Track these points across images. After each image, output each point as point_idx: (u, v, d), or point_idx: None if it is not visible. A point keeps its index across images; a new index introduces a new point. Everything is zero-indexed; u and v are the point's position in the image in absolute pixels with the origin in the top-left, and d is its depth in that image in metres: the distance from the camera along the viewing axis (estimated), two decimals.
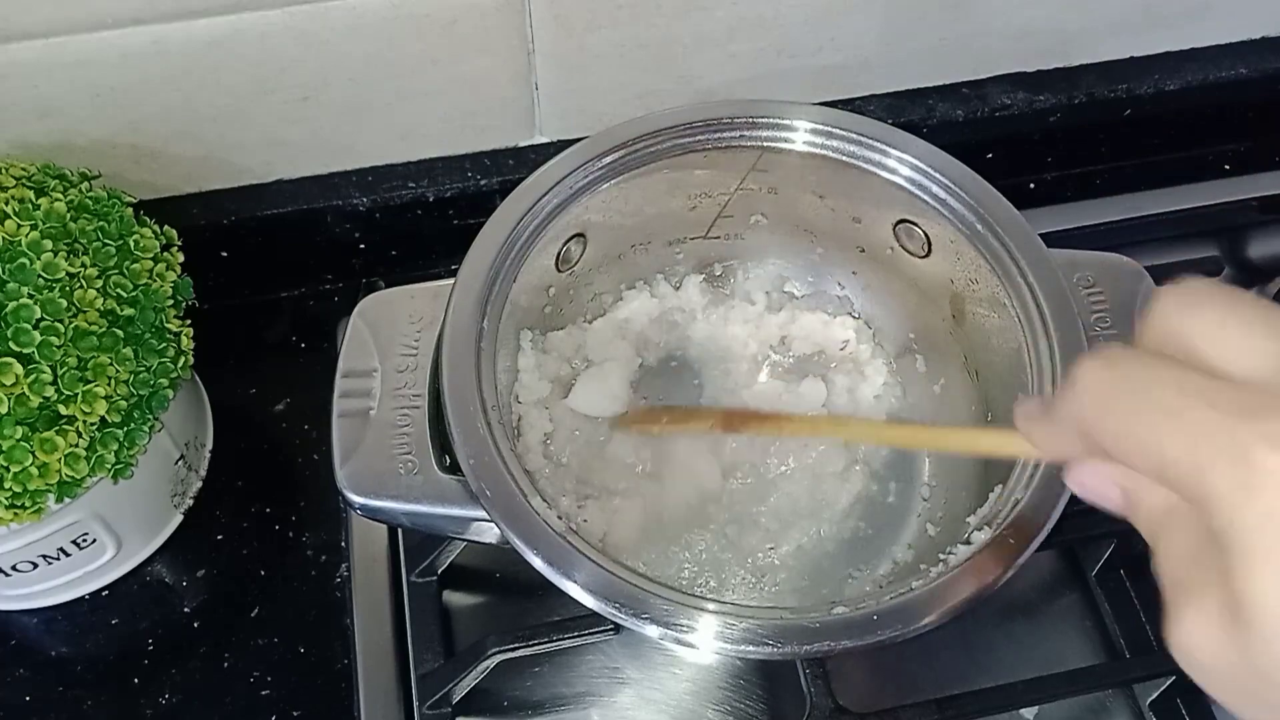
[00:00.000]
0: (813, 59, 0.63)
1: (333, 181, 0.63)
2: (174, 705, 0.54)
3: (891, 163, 0.52)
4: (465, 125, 0.62)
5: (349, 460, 0.46)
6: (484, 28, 0.56)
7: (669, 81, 0.62)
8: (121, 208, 0.52)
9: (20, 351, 0.45)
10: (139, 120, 0.57)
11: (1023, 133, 0.69)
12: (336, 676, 0.55)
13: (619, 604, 0.41)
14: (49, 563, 0.53)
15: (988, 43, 0.65)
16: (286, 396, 0.63)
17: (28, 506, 0.46)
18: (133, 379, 0.49)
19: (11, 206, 0.48)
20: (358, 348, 0.49)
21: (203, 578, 0.58)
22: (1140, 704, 0.54)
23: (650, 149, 0.52)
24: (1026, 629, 0.56)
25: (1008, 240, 0.50)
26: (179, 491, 0.58)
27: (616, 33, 0.58)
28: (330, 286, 0.67)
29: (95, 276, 0.49)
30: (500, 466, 0.44)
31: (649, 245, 0.58)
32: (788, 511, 0.55)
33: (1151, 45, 0.68)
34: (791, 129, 0.53)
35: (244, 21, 0.53)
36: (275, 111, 0.58)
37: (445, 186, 0.63)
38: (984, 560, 0.42)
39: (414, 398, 0.47)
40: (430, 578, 0.56)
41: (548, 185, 0.51)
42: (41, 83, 0.54)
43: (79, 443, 0.47)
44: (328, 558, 0.58)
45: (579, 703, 0.54)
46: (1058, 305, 0.48)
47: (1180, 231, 0.69)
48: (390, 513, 0.45)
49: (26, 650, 0.56)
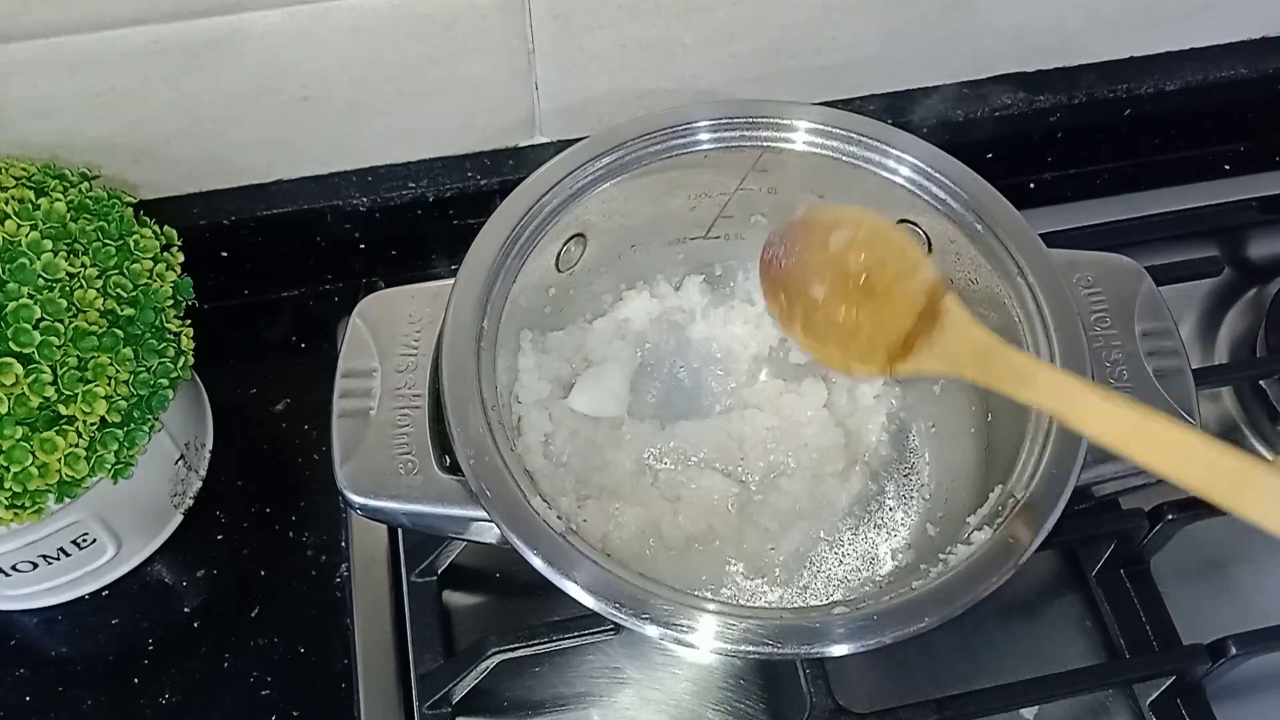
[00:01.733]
0: (813, 59, 0.63)
1: (333, 181, 0.63)
2: (174, 705, 0.54)
3: (891, 163, 0.52)
4: (465, 125, 0.62)
5: (349, 460, 0.46)
6: (484, 28, 0.56)
7: (669, 81, 0.62)
8: (121, 208, 0.52)
9: (20, 351, 0.45)
10: (139, 120, 0.57)
11: (1023, 133, 0.69)
12: (336, 676, 0.55)
13: (619, 604, 0.41)
14: (49, 563, 0.53)
15: (988, 43, 0.65)
16: (286, 396, 0.63)
17: (28, 506, 0.46)
18: (133, 379, 0.49)
19: (11, 206, 0.48)
20: (358, 348, 0.49)
21: (203, 578, 0.58)
22: (1140, 704, 0.54)
23: (650, 149, 0.52)
24: (1026, 629, 0.56)
25: (1008, 240, 0.50)
26: (179, 491, 0.58)
27: (616, 33, 0.58)
28: (330, 286, 0.67)
29: (95, 276, 0.49)
30: (500, 466, 0.44)
31: (649, 245, 0.58)
32: (788, 511, 0.55)
33: (1151, 45, 0.68)
34: (791, 129, 0.53)
35: (244, 21, 0.53)
36: (275, 111, 0.58)
37: (445, 186, 0.63)
38: (984, 560, 0.42)
39: (414, 398, 0.47)
40: (430, 578, 0.56)
41: (548, 185, 0.51)
42: (41, 83, 0.54)
43: (79, 443, 0.47)
44: (328, 558, 0.58)
45: (579, 703, 0.54)
46: (1058, 305, 0.48)
47: (1180, 231, 0.69)
48: (390, 513, 0.45)
49: (26, 650, 0.56)
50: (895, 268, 0.48)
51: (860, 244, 0.49)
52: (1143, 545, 0.55)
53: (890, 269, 0.48)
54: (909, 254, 0.48)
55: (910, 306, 0.47)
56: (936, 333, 0.46)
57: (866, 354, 0.49)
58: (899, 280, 0.48)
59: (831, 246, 0.49)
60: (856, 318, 0.49)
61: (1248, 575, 0.58)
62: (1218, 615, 0.56)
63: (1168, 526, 0.53)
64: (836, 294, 0.49)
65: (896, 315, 0.48)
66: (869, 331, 0.49)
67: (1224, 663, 0.51)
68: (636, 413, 0.57)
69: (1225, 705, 0.53)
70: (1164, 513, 0.53)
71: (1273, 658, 0.52)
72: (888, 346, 0.48)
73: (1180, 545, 0.55)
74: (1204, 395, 0.58)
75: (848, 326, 0.49)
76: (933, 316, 0.47)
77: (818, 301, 0.50)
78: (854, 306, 0.49)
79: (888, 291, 0.48)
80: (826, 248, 0.49)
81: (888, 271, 0.48)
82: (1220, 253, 0.69)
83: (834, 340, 0.50)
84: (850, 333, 0.49)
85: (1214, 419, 0.64)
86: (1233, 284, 0.68)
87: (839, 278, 0.49)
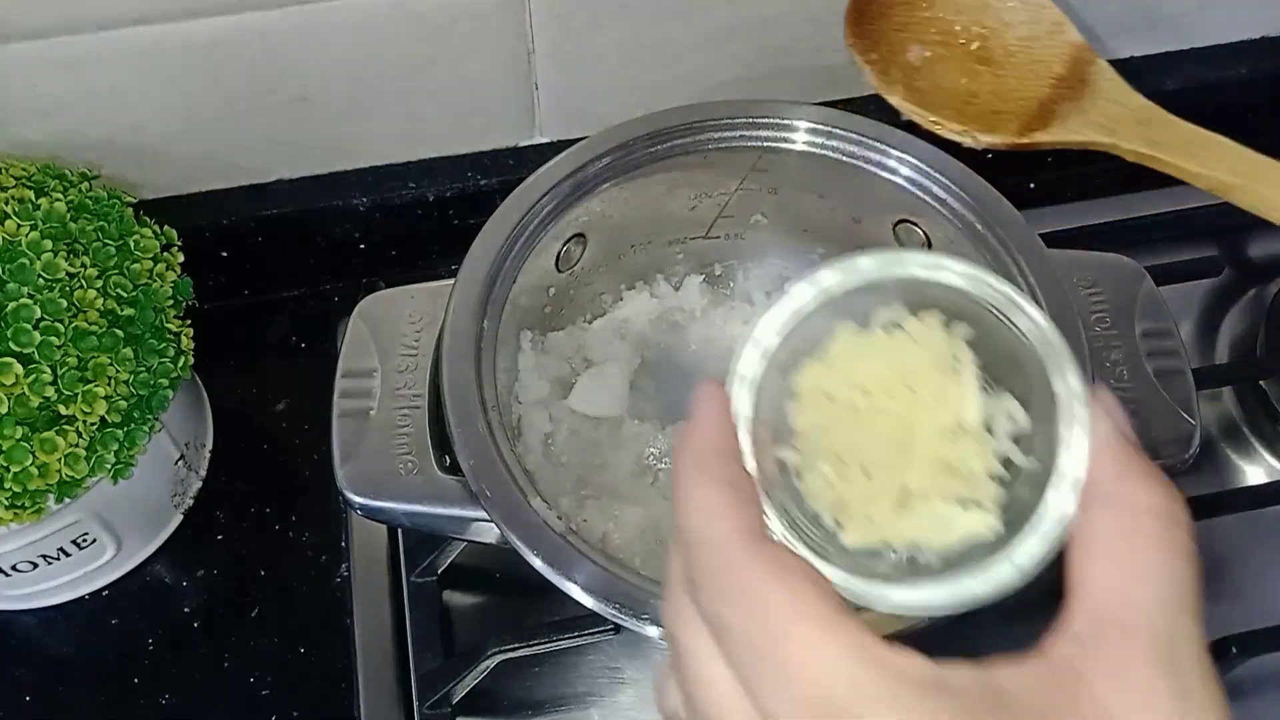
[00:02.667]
0: (813, 59, 0.63)
1: (333, 181, 0.63)
2: (174, 705, 0.54)
3: (891, 163, 0.52)
4: (465, 125, 0.62)
5: (349, 460, 0.46)
6: (484, 28, 0.56)
7: (669, 81, 0.62)
8: (121, 208, 0.52)
9: (20, 351, 0.45)
10: (139, 120, 0.57)
11: None
12: (336, 676, 0.55)
13: (619, 604, 0.41)
14: (49, 563, 0.53)
15: None
16: (286, 396, 0.63)
17: (28, 506, 0.46)
18: (133, 379, 0.49)
19: (11, 206, 0.48)
20: (358, 348, 0.49)
21: (203, 578, 0.58)
22: None
23: (650, 149, 0.52)
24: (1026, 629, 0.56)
25: (1008, 240, 0.50)
26: (179, 491, 0.58)
27: (616, 33, 0.58)
28: (330, 286, 0.67)
29: (95, 276, 0.49)
30: (500, 467, 0.44)
31: (649, 245, 0.58)
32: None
33: (1151, 45, 0.68)
34: (791, 129, 0.53)
35: (244, 21, 0.53)
36: (275, 111, 0.58)
37: (445, 186, 0.63)
38: None
39: (414, 398, 0.47)
40: (430, 578, 0.56)
41: (548, 185, 0.51)
42: (41, 83, 0.53)
43: (79, 443, 0.47)
44: (328, 558, 0.58)
45: (579, 703, 0.54)
46: (1058, 305, 0.48)
47: (1180, 231, 0.69)
48: (390, 513, 0.45)
49: (26, 650, 0.56)
50: (1024, 30, 0.41)
51: (972, 4, 0.42)
52: None
53: (1015, 33, 0.42)
54: (1045, 13, 0.42)
55: (1042, 74, 0.42)
56: (1089, 99, 0.41)
57: (992, 122, 0.43)
58: (1028, 45, 0.42)
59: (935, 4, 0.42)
60: (971, 86, 0.43)
61: (1248, 575, 0.58)
62: (1218, 615, 0.56)
63: None
64: (943, 59, 0.43)
65: (1024, 83, 0.42)
66: (989, 100, 0.43)
67: (1224, 663, 0.51)
68: (636, 413, 0.57)
69: None
70: None
71: (1273, 658, 0.52)
72: (1019, 114, 0.42)
73: None
74: (1204, 395, 0.58)
75: (962, 94, 0.43)
76: (1080, 82, 0.41)
77: (917, 67, 0.44)
78: (965, 75, 0.43)
79: (1010, 59, 0.42)
80: (929, 4, 0.42)
81: (1010, 36, 0.42)
82: (1220, 253, 0.69)
83: (948, 106, 0.44)
84: (966, 100, 0.43)
85: (1214, 419, 0.64)
86: (1233, 284, 0.68)
87: (944, 42, 0.43)
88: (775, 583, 0.25)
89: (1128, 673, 0.24)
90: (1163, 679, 0.24)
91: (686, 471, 0.28)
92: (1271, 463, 0.62)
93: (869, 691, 0.23)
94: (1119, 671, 0.24)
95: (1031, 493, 0.28)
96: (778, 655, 0.24)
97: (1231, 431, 0.63)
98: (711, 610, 0.26)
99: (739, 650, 0.25)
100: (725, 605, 0.26)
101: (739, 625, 0.25)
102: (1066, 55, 0.42)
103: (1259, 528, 0.59)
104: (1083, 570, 0.27)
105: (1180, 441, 0.47)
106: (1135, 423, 0.46)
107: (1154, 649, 0.25)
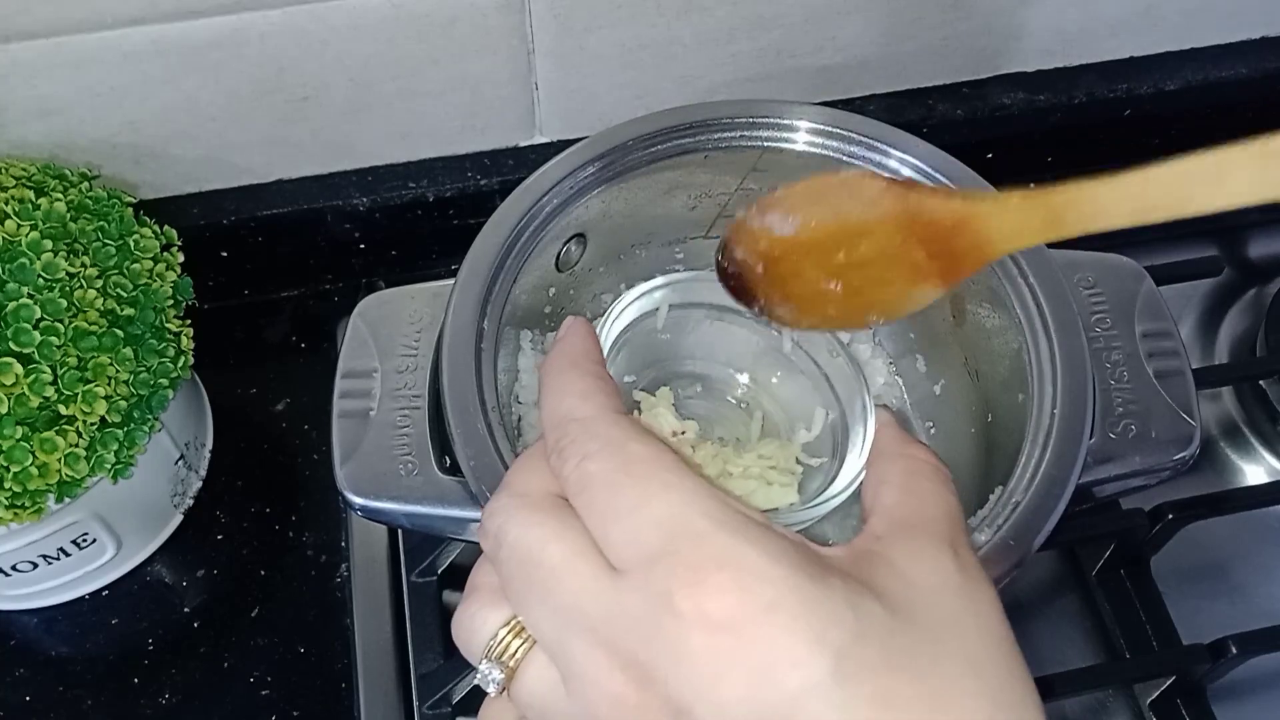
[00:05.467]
0: (813, 59, 0.63)
1: (333, 181, 0.63)
2: (174, 705, 0.54)
3: (892, 163, 0.52)
4: (465, 125, 0.62)
5: (349, 460, 0.45)
6: (484, 28, 0.56)
7: (669, 81, 0.62)
8: (121, 208, 0.52)
9: (20, 351, 0.45)
10: (139, 120, 0.57)
11: (1023, 133, 0.68)
12: (336, 676, 0.55)
13: None
14: (49, 563, 0.53)
15: (988, 43, 0.65)
16: (286, 396, 0.63)
17: (28, 506, 0.46)
18: (133, 379, 0.49)
19: (11, 206, 0.48)
20: (358, 348, 0.49)
21: (203, 578, 0.58)
22: (1140, 704, 0.54)
23: (650, 149, 0.52)
24: (1026, 629, 0.56)
25: None
26: (179, 491, 0.58)
27: (616, 33, 0.58)
28: (330, 286, 0.67)
29: (95, 276, 0.49)
30: (500, 467, 0.44)
31: (649, 245, 0.58)
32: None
33: (1151, 45, 0.68)
34: (791, 129, 0.53)
35: (244, 21, 0.53)
36: (275, 111, 0.58)
37: (445, 186, 0.63)
38: (984, 561, 0.42)
39: (414, 398, 0.47)
40: (430, 578, 0.56)
41: (548, 185, 0.51)
42: (41, 83, 0.53)
43: (79, 443, 0.47)
44: (328, 558, 0.58)
45: None
46: (1058, 305, 0.48)
47: (1180, 231, 0.69)
48: (390, 514, 0.45)
49: (26, 650, 0.56)
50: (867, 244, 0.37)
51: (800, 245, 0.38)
52: (1143, 545, 0.55)
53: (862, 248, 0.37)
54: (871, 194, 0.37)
55: (906, 253, 0.36)
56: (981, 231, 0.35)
57: (917, 299, 0.38)
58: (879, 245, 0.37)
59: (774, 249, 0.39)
60: (872, 296, 0.38)
61: (1248, 575, 0.58)
62: (1218, 615, 0.56)
63: (1168, 526, 0.53)
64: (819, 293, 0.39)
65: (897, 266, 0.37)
66: (901, 289, 0.37)
67: (1224, 663, 0.51)
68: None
69: (1225, 705, 0.53)
70: (1164, 513, 0.53)
71: (1273, 658, 0.52)
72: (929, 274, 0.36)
73: (1180, 545, 0.55)
74: (1204, 395, 0.58)
75: (869, 303, 0.38)
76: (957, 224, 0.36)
77: (794, 298, 0.40)
78: (836, 280, 0.38)
79: (869, 260, 0.37)
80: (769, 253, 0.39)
81: (862, 247, 0.37)
82: (1220, 253, 0.69)
83: (856, 316, 0.40)
84: (873, 305, 0.39)
85: (1214, 419, 0.64)
86: (1233, 284, 0.68)
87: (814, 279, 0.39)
88: (640, 441, 0.30)
89: (919, 552, 0.30)
90: (948, 558, 0.30)
91: (559, 369, 0.33)
92: (1271, 463, 0.62)
93: (720, 519, 0.28)
94: (912, 553, 0.30)
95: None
96: (638, 491, 0.28)
97: (1231, 431, 0.63)
98: (575, 471, 0.30)
99: (599, 495, 0.29)
100: (590, 461, 0.30)
101: (602, 473, 0.29)
102: (918, 233, 0.36)
103: (1259, 528, 0.59)
104: (877, 497, 0.33)
105: (1180, 442, 0.47)
106: (1135, 423, 0.47)
107: (939, 539, 0.30)
